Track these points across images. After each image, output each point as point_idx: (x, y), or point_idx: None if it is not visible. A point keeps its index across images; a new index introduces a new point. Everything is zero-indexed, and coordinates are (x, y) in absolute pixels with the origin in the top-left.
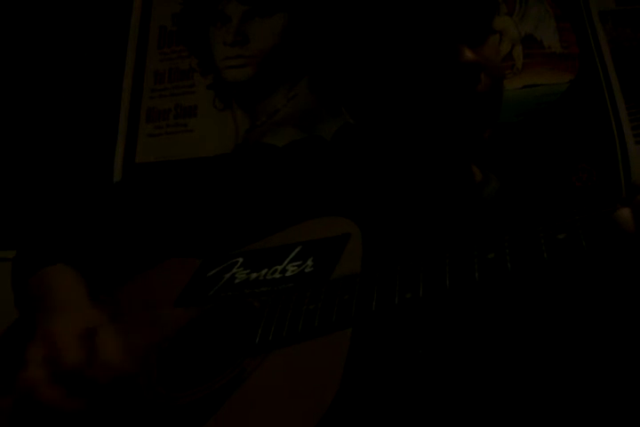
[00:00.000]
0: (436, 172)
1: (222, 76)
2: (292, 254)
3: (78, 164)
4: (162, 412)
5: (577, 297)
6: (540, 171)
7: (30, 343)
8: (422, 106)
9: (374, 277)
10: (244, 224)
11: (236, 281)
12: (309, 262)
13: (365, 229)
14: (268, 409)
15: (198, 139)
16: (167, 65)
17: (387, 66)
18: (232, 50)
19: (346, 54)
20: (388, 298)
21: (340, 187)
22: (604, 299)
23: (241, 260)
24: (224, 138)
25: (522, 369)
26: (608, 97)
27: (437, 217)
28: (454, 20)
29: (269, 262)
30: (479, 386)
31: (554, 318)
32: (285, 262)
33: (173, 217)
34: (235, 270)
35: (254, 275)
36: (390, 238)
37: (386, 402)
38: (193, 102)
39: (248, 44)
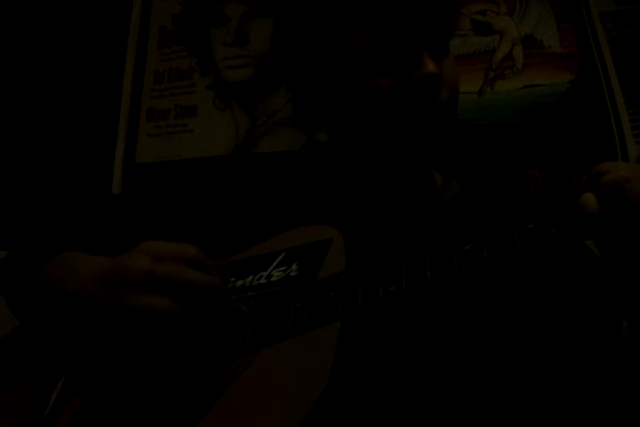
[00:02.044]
0: (400, 178)
1: (222, 76)
2: (277, 261)
3: (78, 163)
4: (156, 412)
5: (554, 282)
6: (498, 173)
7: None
8: (389, 116)
9: (358, 273)
10: (226, 237)
11: None
12: (294, 267)
13: (347, 234)
14: (260, 404)
15: (198, 139)
16: (167, 65)
17: (350, 79)
18: (232, 50)
19: (311, 65)
20: (373, 291)
21: (319, 197)
22: (577, 280)
23: (227, 269)
24: (224, 138)
25: (506, 358)
26: (608, 97)
27: (405, 221)
28: (416, 33)
29: (254, 270)
30: (463, 377)
31: (534, 305)
32: (270, 268)
33: (157, 229)
34: None
35: (240, 282)
36: (371, 240)
37: (373, 394)
38: (193, 102)
39: (248, 45)
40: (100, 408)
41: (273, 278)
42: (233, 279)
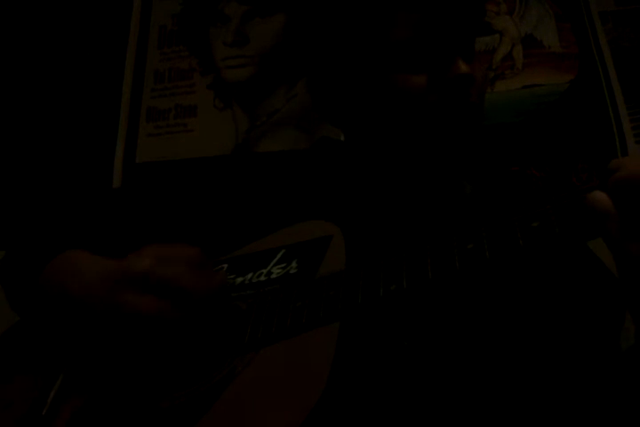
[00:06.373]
0: (421, 176)
1: (222, 76)
2: (277, 258)
3: (79, 163)
4: (154, 412)
5: (555, 283)
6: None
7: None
8: (418, 114)
9: (358, 272)
10: (228, 232)
11: None
12: (294, 264)
13: (347, 231)
14: (259, 404)
15: (198, 139)
16: (167, 65)
17: (382, 75)
18: (232, 50)
19: (341, 60)
20: (373, 290)
21: (321, 193)
22: (583, 280)
23: (226, 266)
24: (224, 138)
25: (507, 358)
26: (608, 97)
27: (407, 219)
28: (454, 34)
29: (254, 267)
30: (464, 377)
31: (535, 305)
32: (270, 266)
33: (158, 227)
34: None
35: (240, 279)
36: (372, 238)
37: (373, 395)
38: (193, 102)
39: (248, 44)
40: (99, 408)
41: (272, 276)
42: (232, 276)
